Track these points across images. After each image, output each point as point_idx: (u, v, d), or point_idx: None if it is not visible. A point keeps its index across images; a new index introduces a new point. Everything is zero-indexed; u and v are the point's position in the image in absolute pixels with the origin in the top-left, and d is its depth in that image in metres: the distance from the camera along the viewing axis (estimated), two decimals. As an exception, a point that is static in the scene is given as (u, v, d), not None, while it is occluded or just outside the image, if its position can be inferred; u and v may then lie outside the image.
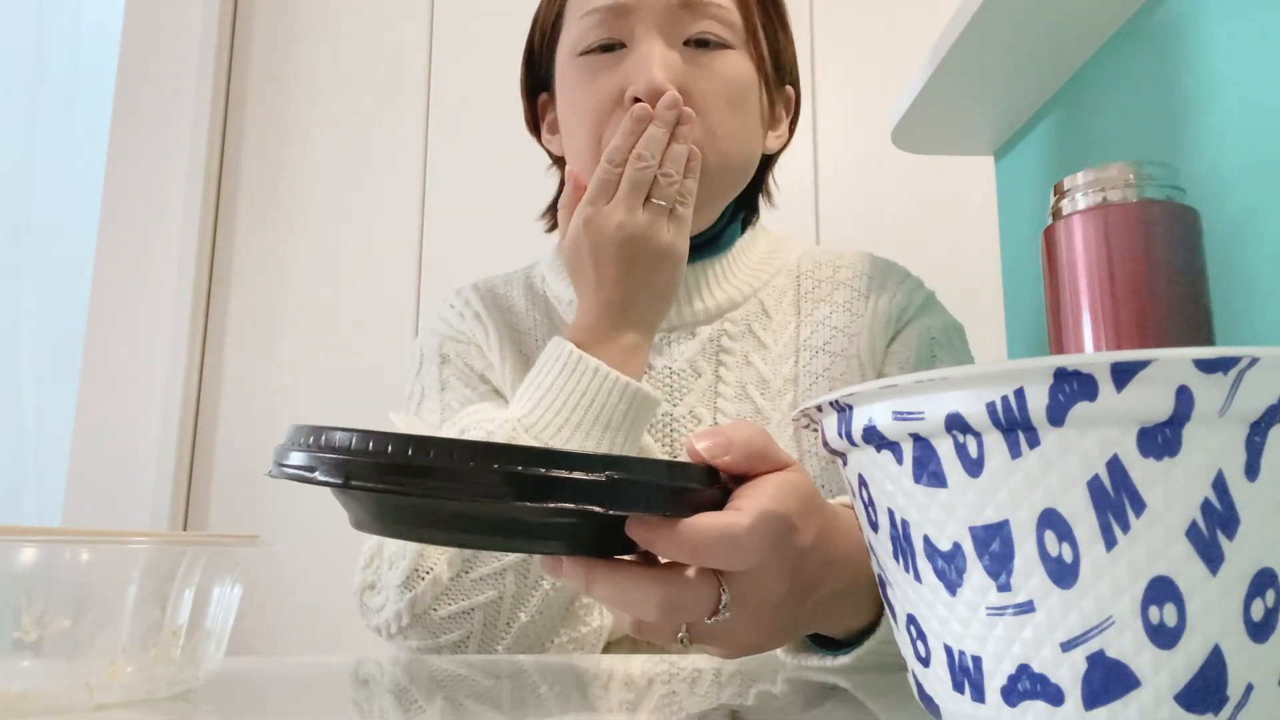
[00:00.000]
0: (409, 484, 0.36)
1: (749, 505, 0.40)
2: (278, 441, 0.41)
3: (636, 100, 0.70)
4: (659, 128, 0.67)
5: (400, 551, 0.65)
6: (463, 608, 0.64)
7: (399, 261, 1.53)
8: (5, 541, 0.38)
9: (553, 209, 0.87)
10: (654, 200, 0.67)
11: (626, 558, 0.43)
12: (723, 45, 0.74)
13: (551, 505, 0.35)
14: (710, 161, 0.72)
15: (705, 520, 0.39)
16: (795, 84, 0.84)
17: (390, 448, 0.36)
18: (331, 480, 0.36)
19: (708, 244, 0.80)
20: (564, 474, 0.36)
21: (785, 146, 0.84)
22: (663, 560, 0.42)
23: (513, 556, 0.64)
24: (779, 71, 0.80)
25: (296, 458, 0.38)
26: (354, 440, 0.36)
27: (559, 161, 0.86)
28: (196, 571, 0.42)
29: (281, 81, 1.62)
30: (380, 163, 1.56)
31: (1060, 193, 0.56)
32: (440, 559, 0.64)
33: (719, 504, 0.41)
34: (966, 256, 1.33)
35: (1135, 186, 0.53)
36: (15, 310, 1.67)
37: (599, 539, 0.41)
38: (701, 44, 0.73)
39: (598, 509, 0.36)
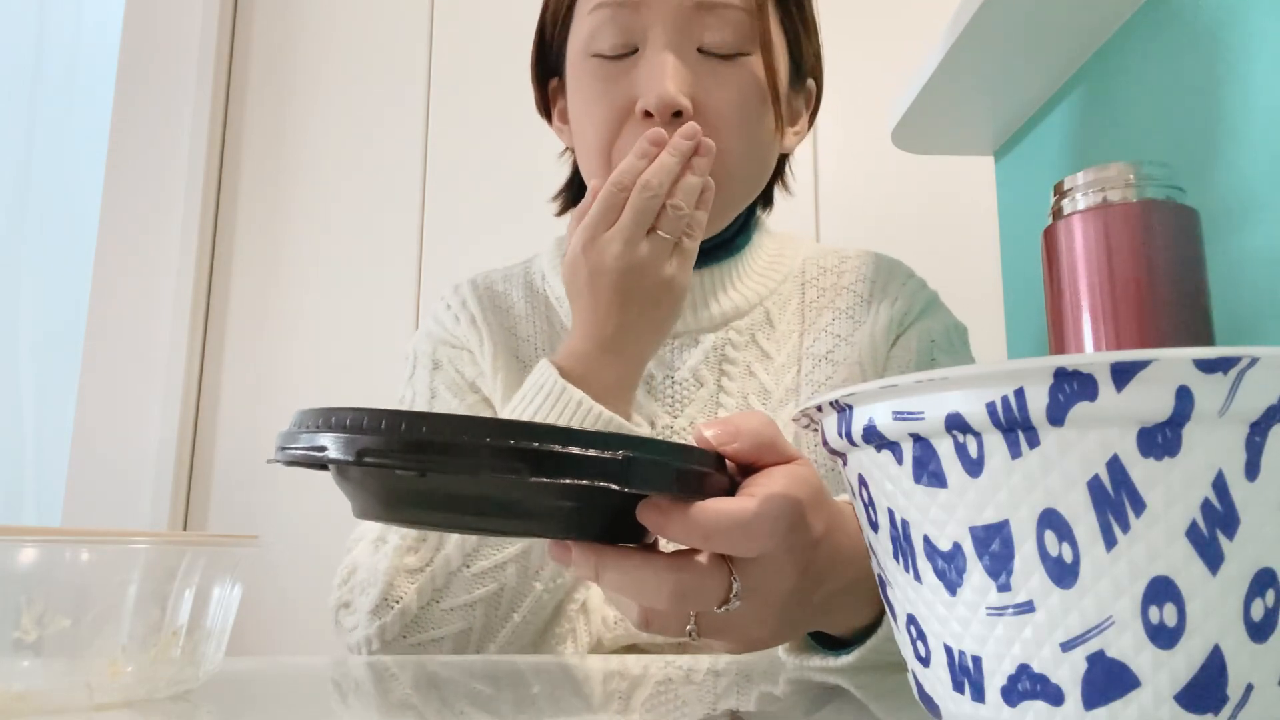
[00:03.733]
0: (426, 461, 0.35)
1: (761, 491, 0.40)
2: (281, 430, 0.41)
3: (647, 114, 0.69)
4: (672, 156, 0.63)
5: (370, 579, 0.65)
6: (431, 637, 0.64)
7: (399, 261, 1.53)
8: (5, 541, 0.38)
9: (564, 191, 0.86)
10: (659, 232, 0.63)
11: (629, 547, 0.43)
12: (737, 54, 0.71)
13: (567, 482, 0.35)
14: (720, 176, 0.70)
15: (719, 504, 0.39)
16: (818, 77, 0.81)
17: (404, 425, 0.35)
18: (344, 458, 0.36)
19: (719, 248, 0.78)
20: (579, 451, 0.35)
21: (802, 138, 0.82)
22: (667, 550, 0.42)
23: (483, 589, 0.64)
24: (798, 71, 0.78)
25: (306, 439, 0.37)
26: (366, 419, 0.36)
27: (570, 149, 0.84)
28: (196, 571, 0.42)
29: (281, 81, 1.62)
30: (380, 162, 1.56)
31: (1060, 193, 0.56)
32: (410, 589, 0.64)
33: (728, 492, 0.41)
34: (966, 256, 1.33)
35: (1135, 186, 0.53)
36: (15, 310, 1.67)
37: (605, 526, 0.41)
38: (714, 54, 0.71)
39: (613, 486, 0.36)
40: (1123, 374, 0.26)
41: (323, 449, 0.36)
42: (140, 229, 1.55)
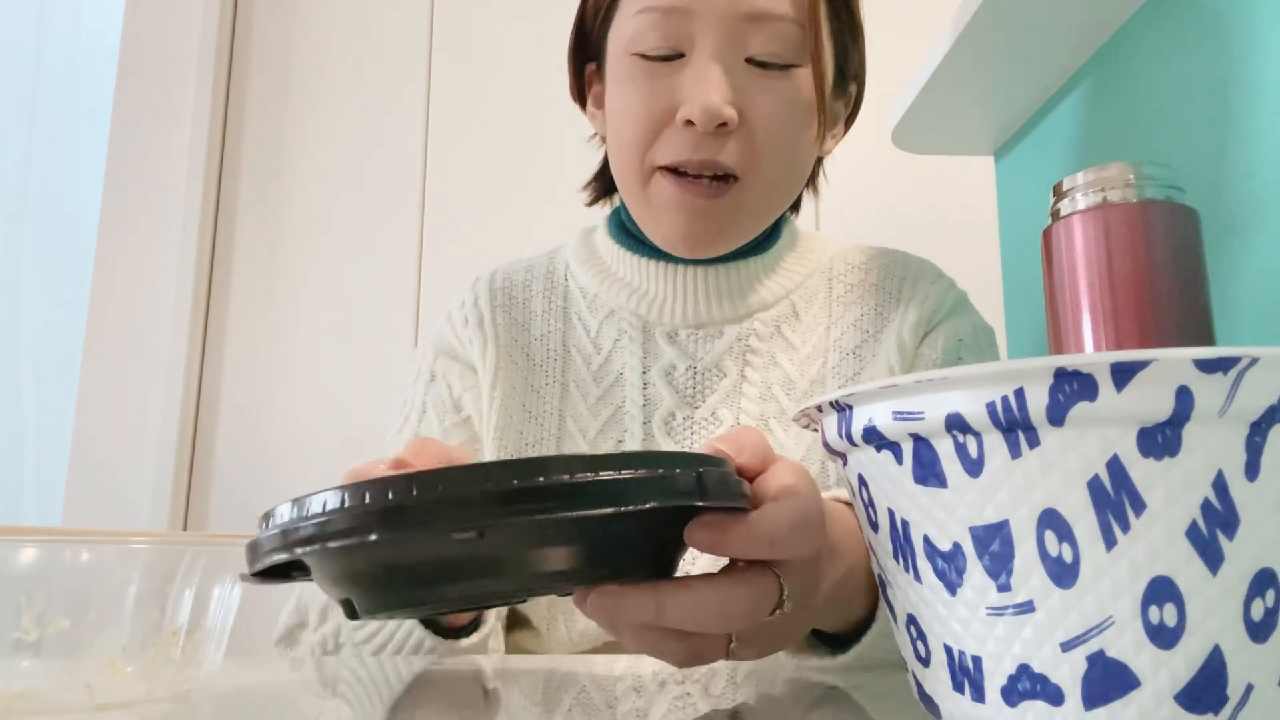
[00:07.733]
0: (514, 510, 0.31)
1: (800, 489, 0.39)
2: (274, 503, 0.35)
3: (688, 122, 0.67)
4: None
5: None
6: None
7: (399, 261, 1.53)
8: (5, 541, 0.38)
9: (595, 181, 0.86)
10: None
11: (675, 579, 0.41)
12: (785, 65, 0.69)
13: (651, 506, 0.33)
14: (760, 187, 0.70)
15: (776, 509, 0.38)
16: (860, 81, 0.80)
17: (471, 478, 0.31)
18: (389, 534, 0.31)
19: (747, 249, 0.78)
20: (649, 473, 0.33)
21: (839, 141, 0.82)
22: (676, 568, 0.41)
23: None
24: (842, 76, 0.77)
25: (339, 523, 0.31)
26: (417, 484, 0.31)
27: (601, 137, 0.83)
28: (196, 571, 0.42)
29: (281, 81, 1.62)
30: (380, 163, 1.56)
31: (1060, 193, 0.56)
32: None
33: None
34: (966, 256, 1.33)
35: (1135, 186, 0.53)
36: (15, 310, 1.67)
37: (642, 563, 0.39)
38: (762, 64, 0.69)
39: (696, 503, 0.34)
40: (1123, 374, 0.26)
41: (358, 530, 0.31)
42: (140, 229, 1.55)
